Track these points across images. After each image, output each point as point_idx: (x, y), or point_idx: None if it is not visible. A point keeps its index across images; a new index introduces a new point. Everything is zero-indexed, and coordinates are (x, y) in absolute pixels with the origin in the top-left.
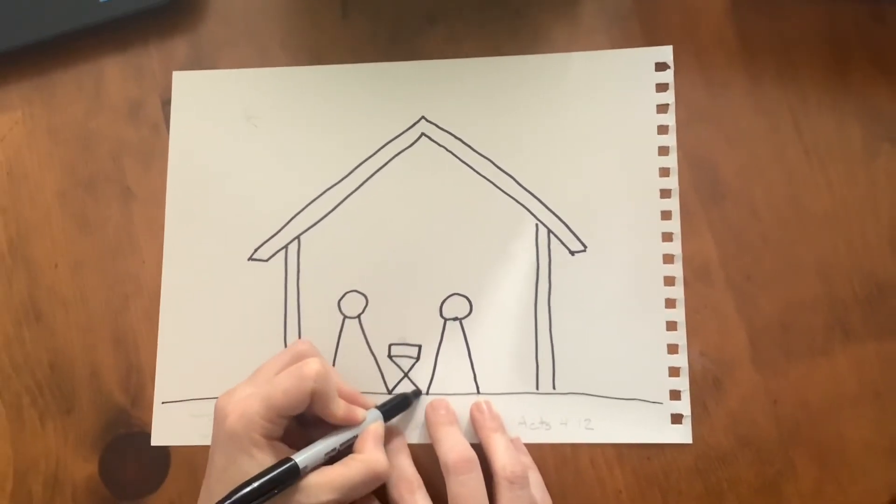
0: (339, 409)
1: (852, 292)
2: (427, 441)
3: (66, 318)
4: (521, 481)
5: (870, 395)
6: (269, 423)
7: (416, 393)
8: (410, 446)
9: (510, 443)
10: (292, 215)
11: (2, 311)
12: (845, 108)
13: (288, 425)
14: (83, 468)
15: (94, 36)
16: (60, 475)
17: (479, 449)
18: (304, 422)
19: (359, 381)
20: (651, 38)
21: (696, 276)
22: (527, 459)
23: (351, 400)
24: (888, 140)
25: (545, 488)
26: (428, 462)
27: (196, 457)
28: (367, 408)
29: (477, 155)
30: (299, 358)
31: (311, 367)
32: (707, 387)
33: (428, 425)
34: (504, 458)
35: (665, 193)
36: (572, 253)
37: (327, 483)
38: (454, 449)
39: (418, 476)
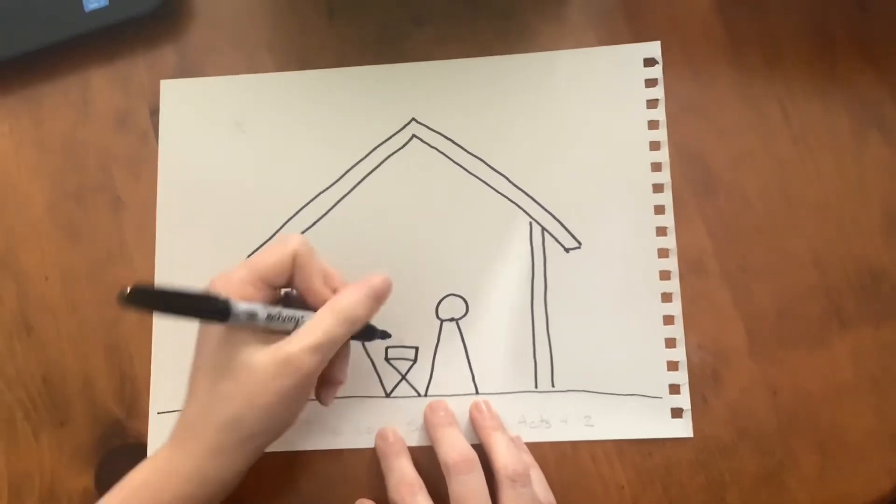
0: (320, 284)
1: (846, 280)
2: (426, 443)
3: (58, 330)
4: (522, 479)
5: (868, 381)
6: (253, 286)
7: (385, 334)
8: (410, 449)
9: (511, 441)
10: (284, 220)
11: None
12: (833, 97)
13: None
14: (78, 481)
15: (81, 46)
16: (56, 489)
17: (480, 449)
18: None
19: (357, 385)
20: (638, 35)
21: (691, 268)
22: (528, 458)
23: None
24: (876, 127)
25: (547, 486)
26: (428, 464)
27: None
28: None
29: (468, 155)
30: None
31: (294, 236)
32: (706, 379)
33: (427, 427)
34: (505, 457)
35: (657, 188)
36: (567, 250)
37: (305, 348)
38: (454, 449)
39: (419, 478)
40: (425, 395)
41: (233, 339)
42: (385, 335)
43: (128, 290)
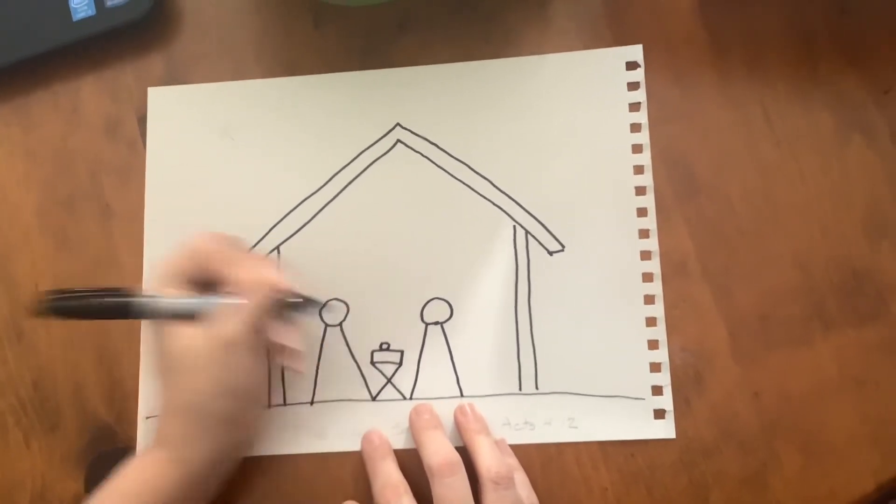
0: (230, 271)
1: (829, 281)
2: (411, 446)
3: (49, 336)
4: (506, 482)
5: (850, 382)
6: (171, 285)
7: (315, 303)
8: (396, 452)
9: (495, 444)
10: (271, 226)
11: None
12: (815, 100)
13: None
14: (69, 486)
15: (70, 55)
16: (47, 494)
17: (465, 452)
18: None
19: (342, 389)
20: (621, 39)
21: (674, 271)
22: (512, 461)
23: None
24: (858, 129)
25: (531, 488)
26: (413, 467)
27: None
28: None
29: (452, 159)
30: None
31: (198, 235)
32: (688, 381)
33: (412, 430)
34: (489, 460)
35: (640, 191)
36: (550, 253)
37: (229, 321)
38: (438, 452)
39: (404, 481)
40: (411, 399)
41: (171, 333)
42: (313, 303)
43: (44, 301)
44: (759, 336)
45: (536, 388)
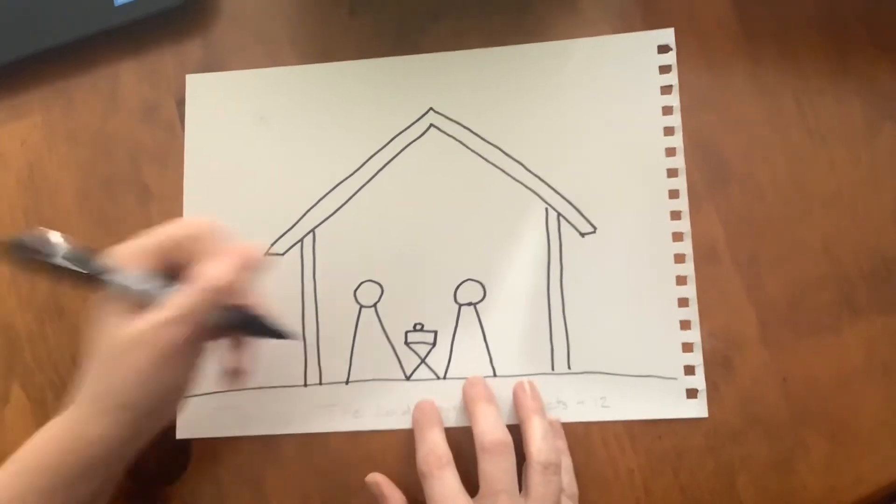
0: (194, 269)
1: (858, 269)
2: (460, 425)
3: (88, 313)
4: (553, 468)
5: (878, 369)
6: (144, 260)
7: (281, 334)
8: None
9: (548, 427)
10: (306, 209)
11: (26, 308)
12: (846, 88)
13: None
14: None
15: (110, 40)
16: None
17: (515, 430)
18: None
19: (377, 368)
20: (652, 25)
21: (704, 257)
22: (562, 444)
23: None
24: (889, 118)
25: (574, 476)
26: (457, 444)
27: (216, 448)
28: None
29: (485, 143)
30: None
31: (189, 220)
32: (717, 366)
33: (465, 400)
34: (540, 442)
35: (672, 173)
36: (582, 234)
37: (157, 322)
38: (492, 431)
39: (449, 452)
40: (444, 378)
41: (106, 311)
42: (282, 335)
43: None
44: (788, 323)
45: (569, 367)
